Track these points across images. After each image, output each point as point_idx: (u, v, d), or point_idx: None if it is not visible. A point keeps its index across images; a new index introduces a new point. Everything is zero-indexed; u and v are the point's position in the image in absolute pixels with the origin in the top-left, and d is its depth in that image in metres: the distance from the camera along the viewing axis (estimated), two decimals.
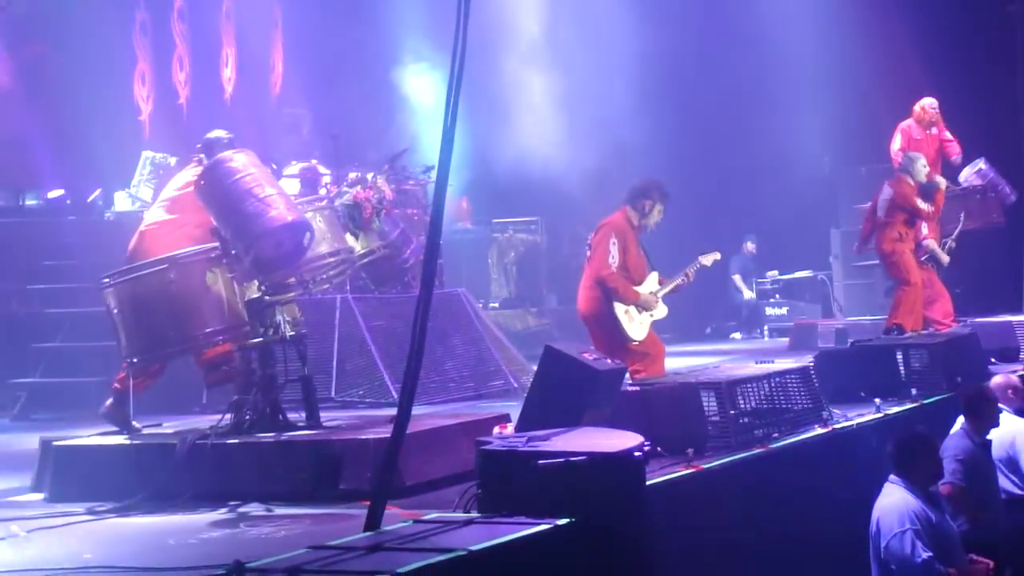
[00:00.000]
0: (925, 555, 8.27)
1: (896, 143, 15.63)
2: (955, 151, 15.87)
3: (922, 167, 14.37)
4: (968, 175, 16.22)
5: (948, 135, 15.93)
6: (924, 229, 14.66)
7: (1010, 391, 10.49)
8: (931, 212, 14.33)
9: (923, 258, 14.63)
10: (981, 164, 16.23)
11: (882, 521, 8.47)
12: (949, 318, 14.57)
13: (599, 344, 11.19)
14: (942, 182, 14.50)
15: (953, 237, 15.20)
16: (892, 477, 8.58)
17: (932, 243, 14.74)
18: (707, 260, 11.72)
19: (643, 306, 11.25)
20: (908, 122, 15.80)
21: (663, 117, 18.85)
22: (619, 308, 11.20)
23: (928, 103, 15.80)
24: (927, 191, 14.38)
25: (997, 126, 17.77)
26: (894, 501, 8.46)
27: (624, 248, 11.25)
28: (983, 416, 9.90)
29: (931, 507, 8.55)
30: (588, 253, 11.54)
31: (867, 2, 19.39)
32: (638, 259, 11.42)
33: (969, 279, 16.48)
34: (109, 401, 9.22)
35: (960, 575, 8.54)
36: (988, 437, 10.01)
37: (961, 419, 10.33)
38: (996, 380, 10.74)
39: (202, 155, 9.61)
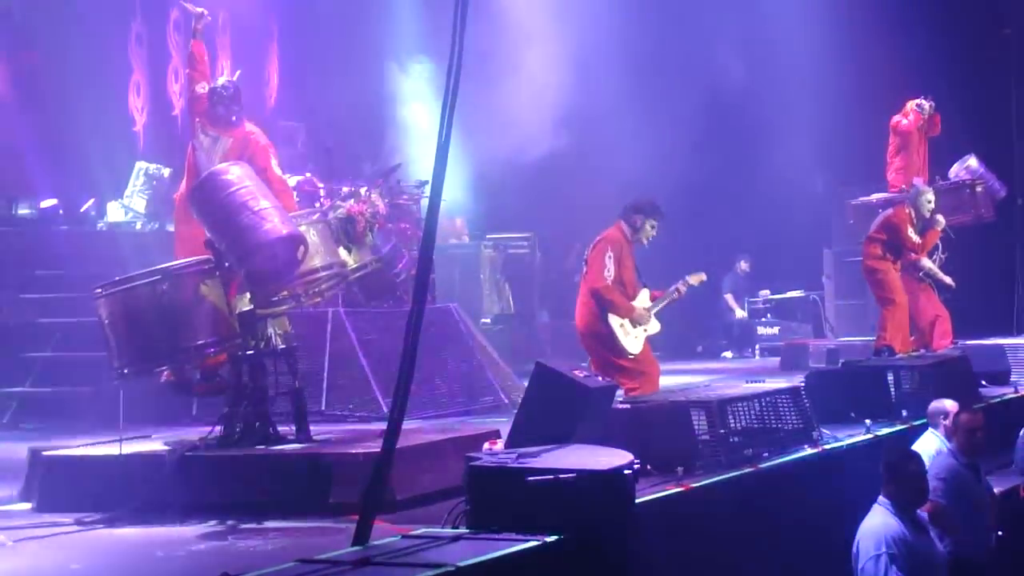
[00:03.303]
0: None
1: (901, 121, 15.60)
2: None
3: (927, 202, 14.34)
4: (958, 170, 16.30)
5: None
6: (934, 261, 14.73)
7: (942, 417, 10.43)
8: (918, 245, 14.29)
9: (920, 274, 14.66)
10: (971, 160, 16.30)
11: (860, 544, 8.43)
12: (947, 339, 14.55)
13: (596, 362, 11.23)
14: (941, 222, 14.44)
15: (940, 250, 15.26)
16: (880, 498, 8.56)
17: (927, 261, 14.73)
18: (694, 280, 11.85)
19: (636, 320, 11.32)
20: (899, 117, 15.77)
21: (658, 137, 18.88)
22: (614, 321, 11.27)
23: (927, 105, 15.75)
24: (926, 226, 14.38)
25: (992, 144, 17.82)
26: (873, 524, 8.43)
27: (619, 261, 11.36)
28: (962, 439, 9.88)
29: (915, 530, 8.48)
30: (584, 269, 11.62)
31: (863, 23, 19.47)
32: (631, 273, 11.50)
33: (962, 302, 16.51)
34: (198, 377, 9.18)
35: None
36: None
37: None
38: (934, 405, 10.65)
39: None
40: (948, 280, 14.83)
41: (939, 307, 14.74)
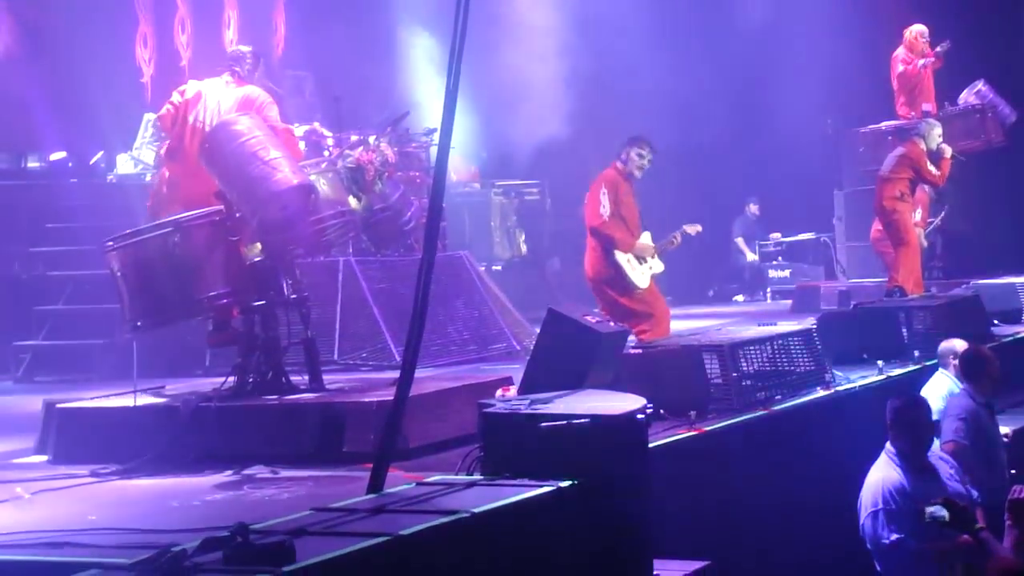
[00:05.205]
0: (893, 537, 8.11)
1: (899, 68, 16.23)
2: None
3: (937, 135, 14.50)
4: (967, 95, 16.39)
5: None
6: (917, 215, 14.94)
7: (952, 357, 10.45)
8: (938, 177, 14.46)
9: None
10: (980, 85, 16.41)
11: (862, 500, 8.37)
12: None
13: (606, 308, 11.26)
14: (948, 150, 14.56)
15: (941, 217, 15.71)
16: (887, 445, 8.48)
17: (920, 232, 15.11)
18: (691, 230, 12.04)
19: (639, 254, 11.40)
20: (900, 51, 16.31)
21: (666, 78, 18.79)
22: (621, 257, 11.34)
23: (919, 31, 16.21)
24: (935, 158, 14.47)
25: (1001, 69, 17.74)
26: (873, 479, 8.33)
27: (616, 199, 11.45)
28: (977, 377, 9.88)
29: (919, 478, 8.32)
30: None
31: None
32: (631, 210, 11.58)
33: (972, 240, 16.53)
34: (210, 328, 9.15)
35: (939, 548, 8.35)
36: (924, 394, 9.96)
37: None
38: (944, 345, 10.66)
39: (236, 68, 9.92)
40: (925, 243, 15.65)
41: None
